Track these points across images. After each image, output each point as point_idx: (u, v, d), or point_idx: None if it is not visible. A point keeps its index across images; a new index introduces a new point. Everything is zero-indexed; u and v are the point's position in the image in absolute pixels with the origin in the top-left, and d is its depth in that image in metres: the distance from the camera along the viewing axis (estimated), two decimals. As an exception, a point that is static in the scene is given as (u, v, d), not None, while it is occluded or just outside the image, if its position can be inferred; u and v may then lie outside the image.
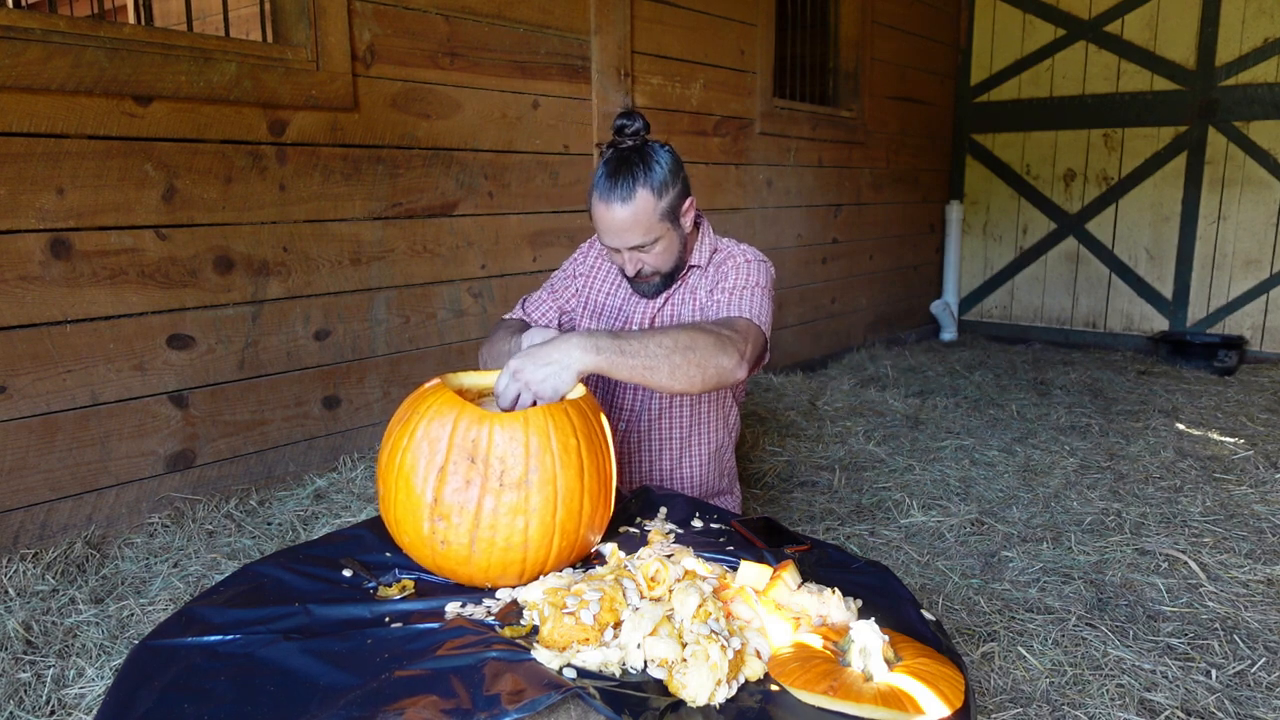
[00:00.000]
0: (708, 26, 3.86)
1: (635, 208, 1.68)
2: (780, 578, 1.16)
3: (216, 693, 1.00)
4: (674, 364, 1.45)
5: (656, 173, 1.68)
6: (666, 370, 1.44)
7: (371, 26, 2.63)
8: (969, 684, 1.01)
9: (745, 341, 1.61)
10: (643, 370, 1.42)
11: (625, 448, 2.00)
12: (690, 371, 1.47)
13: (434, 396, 1.27)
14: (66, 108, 2.07)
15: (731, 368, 1.53)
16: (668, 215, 1.73)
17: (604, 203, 1.69)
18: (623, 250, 1.76)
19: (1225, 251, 5.23)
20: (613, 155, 1.71)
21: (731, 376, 1.54)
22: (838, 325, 5.11)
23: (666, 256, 1.80)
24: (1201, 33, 5.10)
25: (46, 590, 1.97)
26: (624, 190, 1.67)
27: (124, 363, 2.23)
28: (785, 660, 1.03)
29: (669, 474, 2.00)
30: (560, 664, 1.03)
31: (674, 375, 1.45)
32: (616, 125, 1.73)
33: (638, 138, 1.72)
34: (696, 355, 1.48)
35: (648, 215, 1.69)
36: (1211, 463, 3.23)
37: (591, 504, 1.28)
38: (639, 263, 1.78)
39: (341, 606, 1.19)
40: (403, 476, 1.23)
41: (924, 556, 2.51)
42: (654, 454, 1.99)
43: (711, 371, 1.50)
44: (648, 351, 1.42)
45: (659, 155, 1.71)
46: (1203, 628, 2.10)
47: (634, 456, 2.00)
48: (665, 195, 1.70)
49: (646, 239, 1.73)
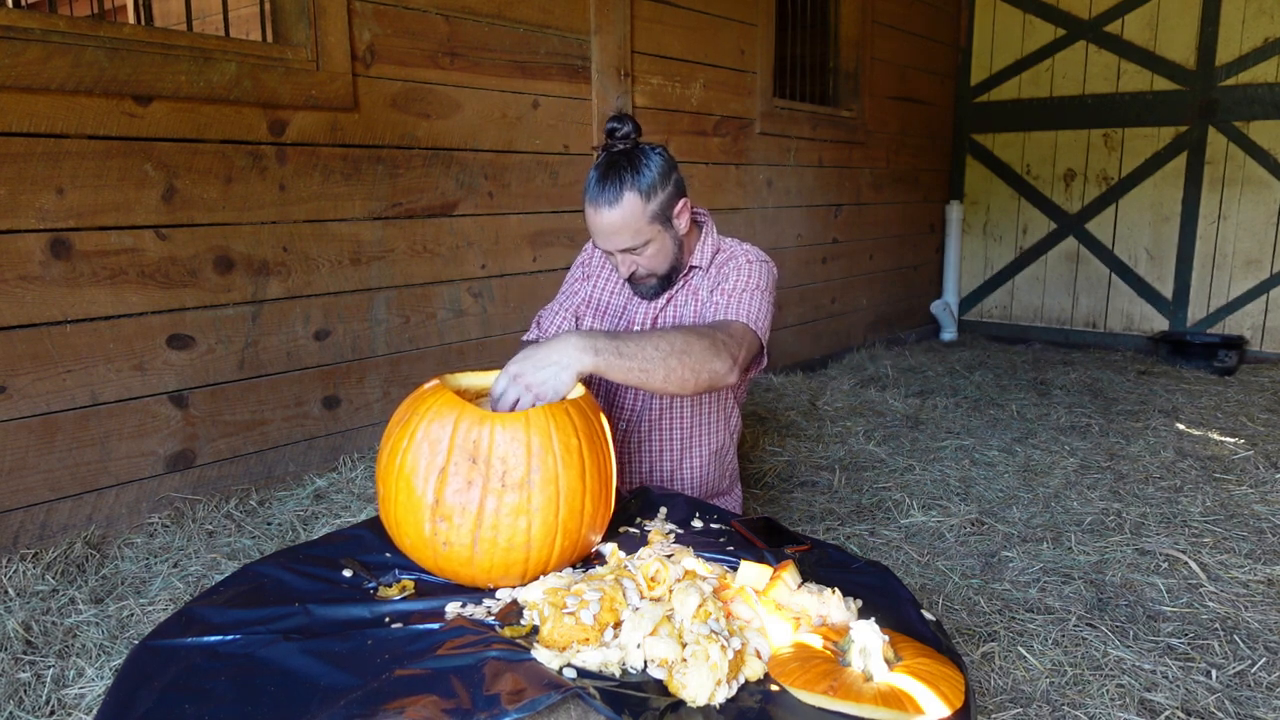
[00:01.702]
0: (708, 26, 3.85)
1: (622, 211, 1.68)
2: (780, 578, 1.16)
3: (217, 693, 1.00)
4: (669, 367, 1.46)
5: (645, 175, 1.69)
6: (661, 374, 1.46)
7: (371, 26, 2.62)
8: (969, 684, 1.01)
9: (739, 347, 1.62)
10: (638, 372, 1.43)
11: (626, 448, 2.00)
12: (684, 375, 1.49)
13: (433, 397, 1.27)
14: (66, 107, 2.07)
15: (724, 373, 1.55)
16: (658, 217, 1.73)
17: (593, 206, 1.70)
18: (615, 252, 1.77)
19: (1225, 251, 5.22)
20: (603, 159, 1.72)
21: (723, 381, 1.56)
22: (838, 325, 5.11)
23: (660, 259, 1.80)
24: (1202, 32, 5.09)
25: (46, 590, 1.97)
26: (611, 193, 1.67)
27: (124, 363, 2.23)
28: (785, 660, 1.03)
29: (670, 475, 2.00)
30: (560, 664, 1.03)
31: (668, 379, 1.47)
32: (607, 129, 1.74)
33: (628, 140, 1.73)
34: (691, 359, 1.49)
35: (635, 218, 1.70)
36: (1212, 463, 3.22)
37: (593, 503, 1.28)
38: (632, 264, 1.79)
39: (342, 607, 1.19)
40: (403, 478, 1.22)
41: (924, 556, 2.51)
42: (655, 455, 1.99)
43: (705, 376, 1.52)
44: (644, 354, 1.44)
45: (649, 158, 1.71)
46: (1203, 628, 2.09)
47: (635, 457, 2.00)
48: (654, 198, 1.71)
49: (636, 241, 1.73)
